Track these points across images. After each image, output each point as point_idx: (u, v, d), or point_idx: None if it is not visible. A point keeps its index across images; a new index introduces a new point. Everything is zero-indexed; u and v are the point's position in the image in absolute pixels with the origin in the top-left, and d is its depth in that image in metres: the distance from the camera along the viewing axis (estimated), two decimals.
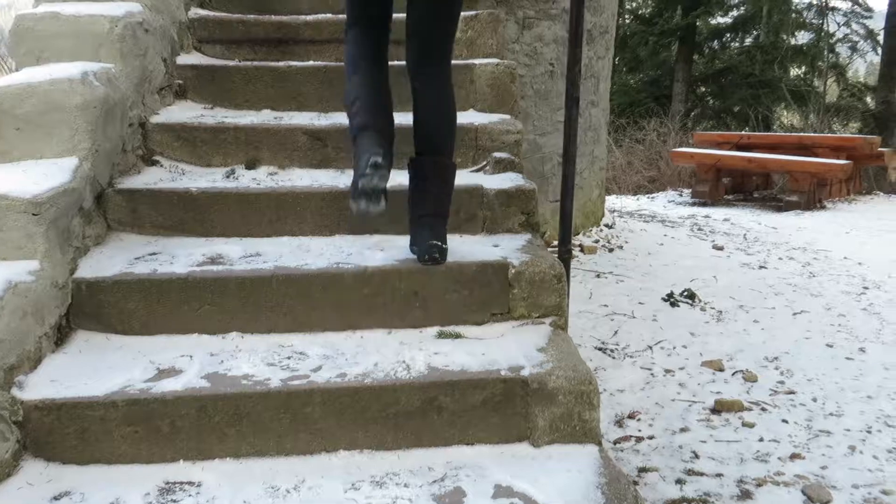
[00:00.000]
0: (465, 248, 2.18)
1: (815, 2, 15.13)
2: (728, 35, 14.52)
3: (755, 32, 14.69)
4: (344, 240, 2.27)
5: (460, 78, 2.80)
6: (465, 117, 2.67)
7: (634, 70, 13.80)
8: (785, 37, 14.50)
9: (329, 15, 3.08)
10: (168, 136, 2.52)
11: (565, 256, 2.26)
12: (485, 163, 2.54)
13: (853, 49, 15.63)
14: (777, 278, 4.92)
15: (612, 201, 8.43)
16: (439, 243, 2.02)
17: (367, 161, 1.89)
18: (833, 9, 15.19)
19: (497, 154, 2.52)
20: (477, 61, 2.84)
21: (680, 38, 13.16)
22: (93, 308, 1.94)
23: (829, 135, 9.92)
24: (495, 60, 2.86)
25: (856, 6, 15.11)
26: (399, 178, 2.19)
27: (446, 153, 2.11)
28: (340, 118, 2.69)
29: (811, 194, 7.60)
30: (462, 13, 2.98)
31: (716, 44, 14.28)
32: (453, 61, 2.35)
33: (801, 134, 9.15)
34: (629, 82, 13.78)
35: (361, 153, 1.93)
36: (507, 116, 2.71)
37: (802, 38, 15.56)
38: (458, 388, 1.72)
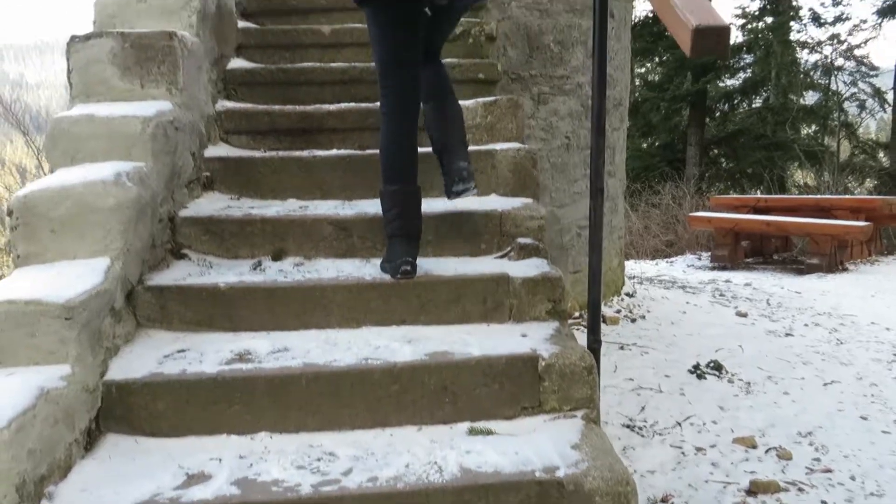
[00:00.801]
0: (493, 339, 2.17)
1: (820, 63, 15.36)
2: (738, 97, 14.72)
3: (765, 94, 14.89)
4: (371, 332, 2.26)
5: (482, 164, 2.84)
6: (488, 203, 2.70)
7: (647, 135, 13.97)
8: (794, 97, 14.68)
9: (352, 104, 3.16)
10: (196, 229, 2.56)
11: (594, 346, 2.24)
12: (509, 248, 2.55)
13: (861, 107, 15.78)
14: (804, 346, 4.84)
15: (631, 267, 8.40)
16: (466, 165, 2.51)
17: (399, 266, 2.33)
18: (839, 69, 15.41)
19: (521, 240, 2.53)
20: (498, 146, 2.89)
21: (691, 104, 13.35)
22: (123, 411, 1.94)
23: (847, 196, 9.90)
24: (516, 145, 2.90)
25: (861, 66, 15.32)
26: (426, 266, 2.24)
27: (451, 94, 2.64)
28: (364, 206, 2.74)
29: (832, 256, 7.53)
30: (482, 99, 3.08)
31: (726, 107, 14.46)
32: (475, 147, 2.84)
33: (819, 196, 9.14)
34: (642, 147, 13.94)
35: (396, 254, 2.36)
36: (530, 201, 2.74)
37: (811, 98, 15.75)
38: (491, 491, 1.69)
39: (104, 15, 2.87)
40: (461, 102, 3.02)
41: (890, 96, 14.54)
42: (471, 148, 2.90)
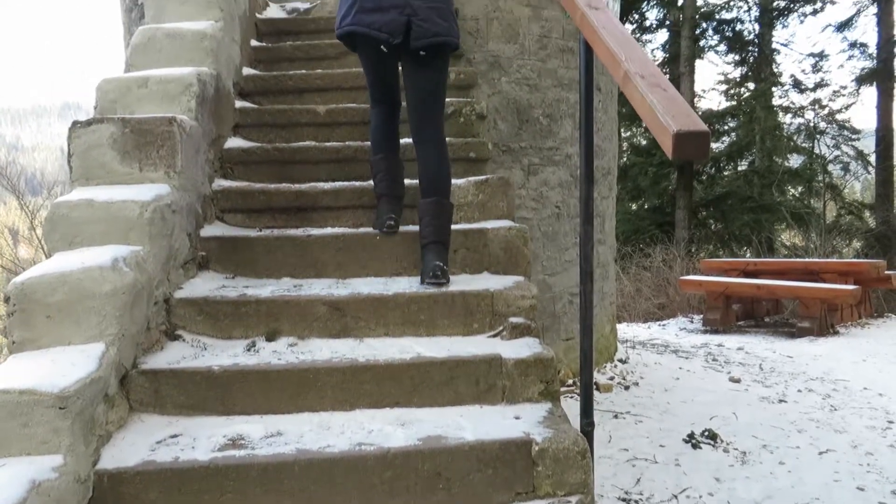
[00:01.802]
0: (487, 422, 2.17)
1: (804, 127, 15.73)
2: (724, 160, 15.02)
3: (750, 157, 15.19)
4: (364, 414, 2.27)
5: (474, 242, 2.90)
6: (479, 282, 2.73)
7: (637, 198, 14.19)
8: (779, 160, 14.97)
9: (346, 183, 3.22)
10: (191, 310, 2.58)
11: (587, 429, 2.25)
12: (501, 328, 2.57)
13: (845, 170, 16.09)
14: (798, 413, 4.83)
15: (623, 330, 8.42)
16: (441, 264, 2.65)
17: (385, 221, 2.87)
18: (822, 132, 15.77)
19: (513, 319, 2.56)
20: (489, 225, 2.95)
21: (678, 167, 13.63)
22: (114, 500, 1.92)
23: (836, 260, 10.03)
24: (507, 224, 2.96)
25: (843, 130, 15.69)
26: (419, 348, 2.26)
27: (445, 195, 2.79)
28: (358, 285, 2.77)
29: (823, 320, 7.59)
30: (473, 178, 3.15)
31: (713, 170, 14.73)
32: (467, 225, 2.98)
33: (808, 260, 9.25)
34: (632, 210, 14.13)
35: (381, 213, 2.91)
36: (521, 279, 2.78)
37: (796, 160, 16.07)
38: None
39: (106, 100, 2.95)
40: (453, 181, 3.11)
41: (873, 159, 14.86)
42: (463, 226, 2.97)
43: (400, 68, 2.94)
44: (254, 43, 4.20)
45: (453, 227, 2.90)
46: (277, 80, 3.91)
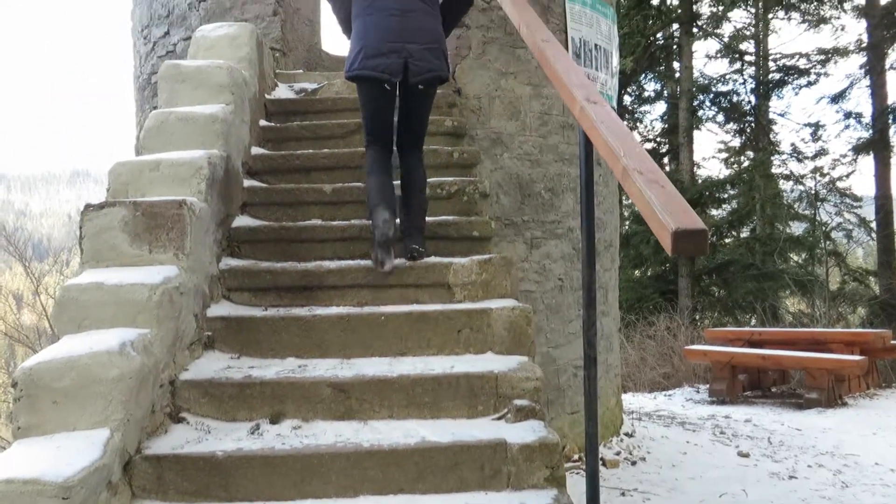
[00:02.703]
0: None
1: (804, 194, 15.89)
2: (726, 228, 15.13)
3: (751, 224, 15.30)
4: (368, 501, 2.25)
5: (478, 323, 2.92)
6: (483, 363, 2.74)
7: (639, 266, 14.25)
8: (780, 227, 15.07)
9: (351, 262, 3.27)
10: (196, 392, 2.59)
11: None
12: (506, 410, 2.57)
13: (848, 237, 16.16)
14: (809, 490, 4.74)
15: (629, 400, 8.32)
16: (417, 246, 3.24)
17: (381, 218, 3.11)
18: (823, 200, 15.92)
19: (518, 402, 2.55)
20: (493, 305, 2.97)
21: None
22: None
23: (841, 330, 9.99)
24: (511, 303, 2.98)
25: (844, 197, 15.84)
26: (423, 432, 2.25)
27: (423, 192, 3.37)
28: (362, 365, 2.78)
29: (830, 391, 7.50)
30: (476, 257, 3.19)
31: (715, 237, 14.83)
32: (471, 305, 3.07)
33: (813, 330, 9.21)
34: (635, 277, 14.16)
35: (377, 216, 3.14)
36: (526, 360, 2.79)
37: (798, 227, 16.17)
38: None
39: (118, 183, 3.02)
40: (457, 260, 3.17)
41: (875, 226, 14.95)
42: (467, 306, 3.01)
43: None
44: (263, 123, 4.32)
45: (457, 306, 2.96)
46: (285, 160, 4.01)
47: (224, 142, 3.39)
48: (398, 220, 3.32)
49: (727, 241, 15.32)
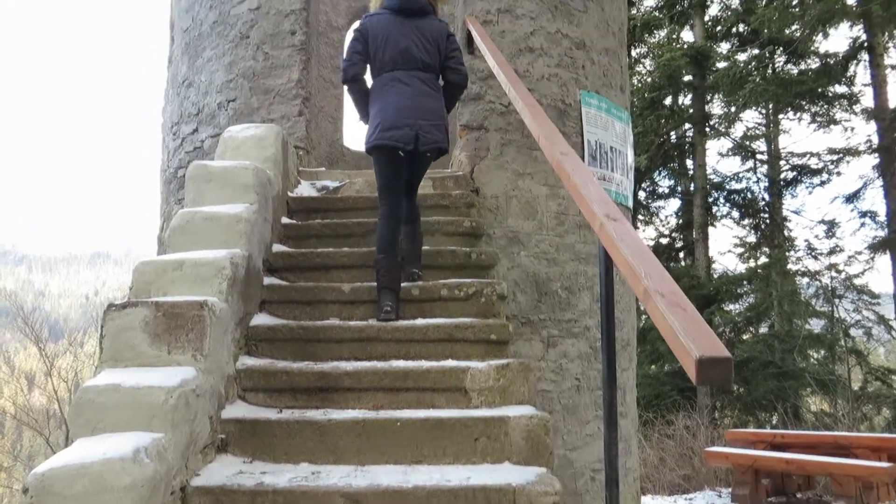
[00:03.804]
0: None
1: (821, 291, 15.75)
2: (743, 323, 14.94)
3: (769, 321, 15.11)
4: None
5: (495, 431, 2.87)
6: (501, 475, 2.68)
7: (656, 361, 14.01)
8: (799, 323, 14.86)
9: (367, 364, 3.25)
10: (206, 499, 2.53)
11: None
12: None
13: (868, 334, 15.88)
14: None
15: None
16: (416, 270, 3.91)
17: (383, 308, 3.58)
18: (840, 296, 15.75)
19: None
20: (511, 413, 2.93)
21: None
22: None
23: (867, 434, 9.68)
24: (529, 411, 2.94)
25: (862, 294, 15.67)
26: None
27: (418, 222, 4.05)
28: (377, 473, 2.72)
29: (858, 499, 7.19)
30: (494, 362, 3.17)
31: (732, 333, 14.64)
32: (488, 412, 3.04)
33: (838, 434, 8.93)
34: (652, 372, 13.91)
35: (382, 302, 3.61)
36: (544, 471, 2.72)
37: (816, 324, 15.93)
38: None
39: (141, 281, 3.07)
40: (474, 364, 3.16)
41: (895, 324, 14.72)
42: (484, 413, 2.97)
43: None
44: (284, 220, 4.40)
45: (474, 413, 2.96)
46: (305, 257, 4.06)
47: (247, 241, 3.46)
48: (402, 253, 3.92)
49: (745, 337, 15.09)
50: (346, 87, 4.09)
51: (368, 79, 4.08)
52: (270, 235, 4.04)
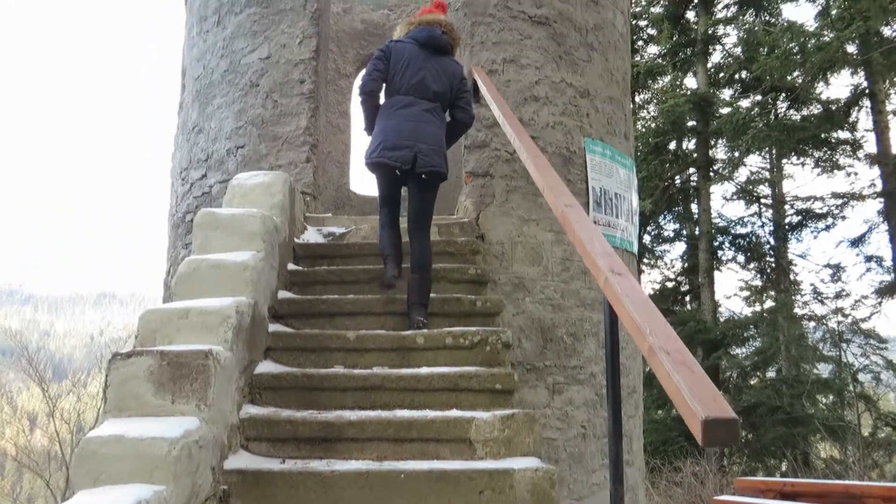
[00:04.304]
0: None
1: (828, 335, 15.63)
2: (750, 368, 14.81)
3: (777, 365, 14.97)
4: None
5: (500, 484, 2.84)
6: None
7: (662, 406, 13.86)
8: (807, 368, 14.71)
9: (371, 413, 3.24)
10: None
11: None
12: None
13: (877, 379, 15.71)
14: None
15: None
16: (422, 318, 3.90)
17: (388, 275, 4.09)
18: (848, 341, 15.62)
19: None
20: (516, 465, 2.90)
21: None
22: None
23: (878, 484, 9.49)
24: (534, 464, 2.91)
25: (869, 339, 15.54)
26: None
27: (427, 271, 4.04)
28: None
29: None
30: (499, 412, 3.15)
31: (739, 378, 14.52)
32: (493, 463, 3.01)
33: (848, 483, 8.76)
34: (658, 417, 13.75)
35: (387, 269, 4.12)
36: None
37: (824, 368, 15.76)
38: None
39: (147, 330, 3.08)
40: (479, 414, 3.14)
41: None
42: (489, 464, 2.95)
43: (404, 190, 4.30)
44: (291, 266, 4.42)
45: (478, 465, 2.93)
46: (311, 304, 4.07)
47: (253, 289, 3.47)
48: (408, 299, 3.99)
49: (753, 382, 14.94)
50: (360, 99, 4.33)
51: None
52: (276, 282, 4.05)
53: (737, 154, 15.16)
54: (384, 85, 4.30)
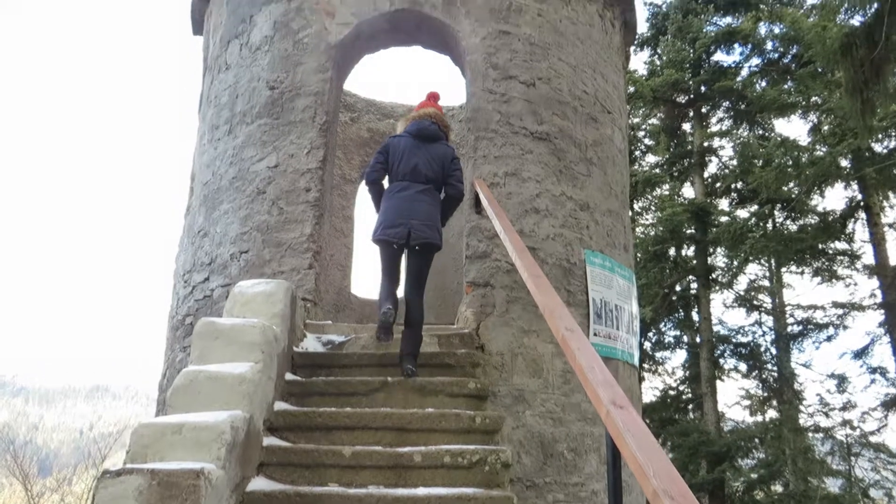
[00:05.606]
0: None
1: (836, 448, 15.23)
2: (756, 482, 14.36)
3: (784, 479, 14.51)
4: None
5: None
6: None
7: None
8: (815, 482, 14.25)
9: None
10: None
11: None
12: None
13: (889, 496, 15.20)
14: None
15: None
16: (411, 367, 4.38)
17: (383, 309, 4.59)
18: (857, 454, 15.20)
19: None
20: None
21: (709, 492, 13.07)
22: None
23: None
24: None
25: (879, 453, 15.14)
26: None
27: (420, 326, 4.58)
28: None
29: None
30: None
31: (745, 495, 14.05)
32: None
33: None
34: None
35: (381, 308, 4.62)
36: None
37: (832, 483, 15.26)
38: None
39: (139, 445, 3.01)
40: None
41: None
42: None
43: (404, 259, 4.84)
44: (289, 376, 4.38)
45: None
46: (307, 417, 4.00)
47: (249, 402, 3.43)
48: (401, 350, 4.51)
49: (759, 496, 14.44)
50: (367, 188, 5.05)
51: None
52: (273, 393, 4.00)
53: (735, 263, 15.28)
54: (386, 175, 4.95)
